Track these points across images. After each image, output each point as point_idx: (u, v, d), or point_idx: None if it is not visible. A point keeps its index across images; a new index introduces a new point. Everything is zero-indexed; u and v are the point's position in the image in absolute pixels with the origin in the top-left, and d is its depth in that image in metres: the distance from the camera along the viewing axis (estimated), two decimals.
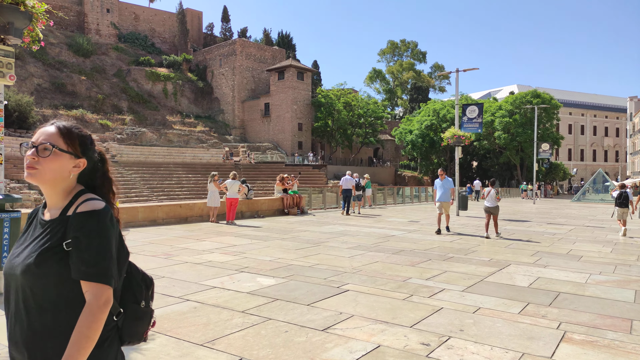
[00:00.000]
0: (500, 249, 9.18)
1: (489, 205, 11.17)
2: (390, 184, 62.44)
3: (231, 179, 13.35)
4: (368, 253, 8.19)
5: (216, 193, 13.34)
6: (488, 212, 11.19)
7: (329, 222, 14.00)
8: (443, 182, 11.96)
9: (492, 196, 11.19)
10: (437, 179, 12.28)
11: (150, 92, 66.88)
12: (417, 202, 28.14)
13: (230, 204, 13.16)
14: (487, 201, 11.26)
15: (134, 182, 44.69)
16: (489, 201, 11.18)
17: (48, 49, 61.90)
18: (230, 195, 13.19)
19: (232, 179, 13.36)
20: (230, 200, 13.19)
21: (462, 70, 17.44)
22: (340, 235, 10.63)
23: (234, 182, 13.28)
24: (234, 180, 13.36)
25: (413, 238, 10.53)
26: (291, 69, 61.50)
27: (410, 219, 15.67)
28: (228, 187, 13.19)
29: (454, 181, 18.90)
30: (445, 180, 11.97)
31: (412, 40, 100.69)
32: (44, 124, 1.58)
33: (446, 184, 11.94)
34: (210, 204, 13.20)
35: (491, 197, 11.18)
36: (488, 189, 11.40)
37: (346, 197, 17.33)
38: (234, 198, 13.19)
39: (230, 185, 13.24)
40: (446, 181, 11.96)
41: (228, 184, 13.20)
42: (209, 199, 13.26)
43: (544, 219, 17.49)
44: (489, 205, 11.17)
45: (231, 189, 13.21)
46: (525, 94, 51.71)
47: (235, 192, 13.24)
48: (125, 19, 73.96)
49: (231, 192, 13.20)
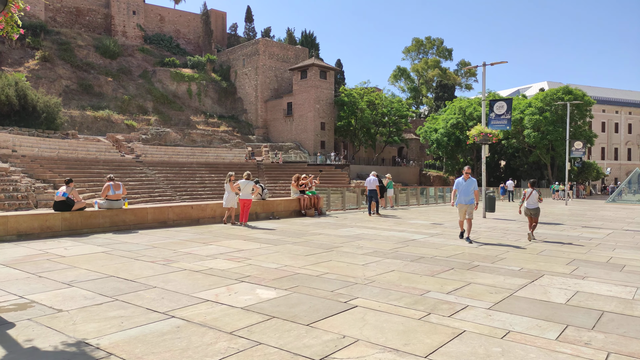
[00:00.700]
0: (532, 256, 8.35)
1: (531, 207, 10.89)
2: (415, 184, 61.24)
3: (244, 179, 12.83)
4: (384, 260, 7.51)
5: (232, 194, 12.87)
6: (530, 215, 10.91)
7: (346, 224, 13.34)
8: (467, 182, 10.42)
9: (534, 198, 10.90)
10: (459, 178, 10.62)
11: (174, 92, 67.54)
12: (442, 203, 27.16)
13: (244, 205, 12.64)
14: (528, 203, 10.95)
15: (157, 182, 45.00)
16: (531, 203, 10.89)
17: (76, 51, 63.23)
18: (244, 196, 12.66)
19: (245, 179, 12.84)
20: (243, 202, 12.67)
21: (489, 64, 16.49)
22: (356, 239, 9.96)
23: (247, 183, 12.75)
24: (248, 180, 12.83)
25: (435, 243, 9.78)
26: (314, 68, 61.00)
27: (433, 222, 14.85)
28: (241, 187, 12.67)
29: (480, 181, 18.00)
30: (469, 180, 10.45)
31: (438, 37, 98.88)
32: None
33: (470, 184, 10.38)
34: (227, 205, 12.77)
35: (533, 199, 10.90)
36: (529, 190, 11.01)
37: (371, 198, 17.31)
38: (247, 199, 12.68)
39: (244, 185, 12.71)
40: (470, 181, 10.42)
41: (241, 184, 12.69)
42: (225, 199, 12.83)
43: (578, 221, 16.39)
44: (531, 207, 10.89)
45: (244, 190, 12.69)
46: (557, 91, 49.73)
47: (248, 193, 12.71)
48: (150, 20, 74.95)
49: (244, 193, 12.68)
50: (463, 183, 10.44)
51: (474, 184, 10.52)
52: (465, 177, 10.52)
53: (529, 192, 10.99)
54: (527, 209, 10.97)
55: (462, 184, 10.44)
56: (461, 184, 10.47)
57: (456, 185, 10.60)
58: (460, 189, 10.43)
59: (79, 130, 53.65)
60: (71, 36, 65.74)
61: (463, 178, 10.51)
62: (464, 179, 10.50)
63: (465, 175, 10.53)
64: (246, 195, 12.71)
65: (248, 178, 12.92)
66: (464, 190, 10.35)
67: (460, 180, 10.54)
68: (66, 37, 64.88)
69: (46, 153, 39.01)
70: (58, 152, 40.43)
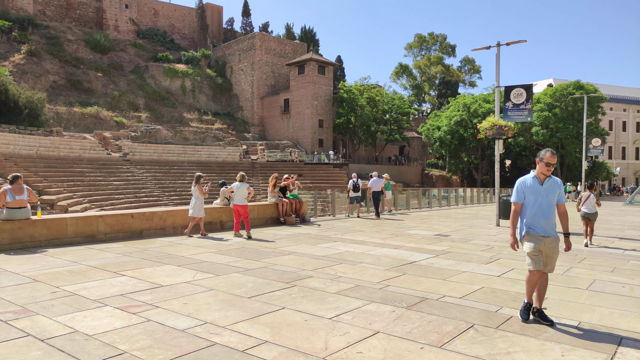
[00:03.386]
0: (581, 293, 5.79)
1: (588, 212, 10.30)
2: (417, 184, 58.57)
3: (238, 180, 10.55)
4: (365, 308, 4.95)
5: (201, 200, 10.40)
6: (586, 219, 10.30)
7: (330, 236, 10.78)
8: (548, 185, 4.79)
9: (591, 201, 10.34)
10: (525, 178, 5.00)
11: (168, 88, 65.08)
12: (445, 206, 24.58)
13: (238, 213, 10.39)
14: (585, 207, 10.38)
15: (144, 182, 42.58)
16: (588, 207, 10.33)
17: (65, 45, 60.84)
18: (238, 201, 10.40)
19: (239, 181, 10.58)
20: (237, 208, 10.40)
21: (504, 43, 13.92)
22: (335, 263, 7.41)
23: (242, 185, 10.49)
24: (242, 182, 10.54)
25: (441, 269, 7.21)
26: (312, 63, 58.40)
27: (438, 232, 12.28)
28: (235, 191, 10.34)
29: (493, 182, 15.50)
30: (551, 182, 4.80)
31: (441, 33, 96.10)
32: None
33: (554, 189, 4.80)
34: (194, 214, 10.35)
35: (590, 203, 10.34)
36: (587, 193, 10.51)
37: (376, 200, 16.46)
38: (241, 205, 10.38)
39: (237, 188, 10.49)
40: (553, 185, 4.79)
41: (235, 187, 10.43)
42: (192, 207, 10.41)
43: (607, 230, 13.80)
44: (588, 212, 10.30)
45: (238, 194, 10.45)
46: (567, 86, 47.00)
47: (243, 198, 10.41)
48: (144, 14, 72.49)
49: (238, 198, 10.43)
50: (539, 188, 4.76)
51: (559, 189, 4.92)
52: (544, 174, 4.75)
53: (587, 196, 10.41)
54: (585, 214, 10.32)
55: (537, 192, 4.76)
56: (534, 192, 4.78)
57: (522, 191, 4.89)
58: (532, 203, 4.77)
59: (65, 127, 51.27)
60: (61, 30, 63.33)
61: (536, 177, 4.80)
62: (539, 178, 4.79)
63: (543, 170, 4.74)
64: (240, 200, 10.40)
65: (242, 180, 10.62)
66: (545, 205, 4.74)
67: (530, 181, 4.80)
68: (55, 31, 62.47)
69: (24, 151, 36.57)
70: (37, 150, 37.97)
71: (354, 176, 16.35)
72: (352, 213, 16.48)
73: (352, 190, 16.05)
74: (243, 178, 10.39)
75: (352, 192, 16.08)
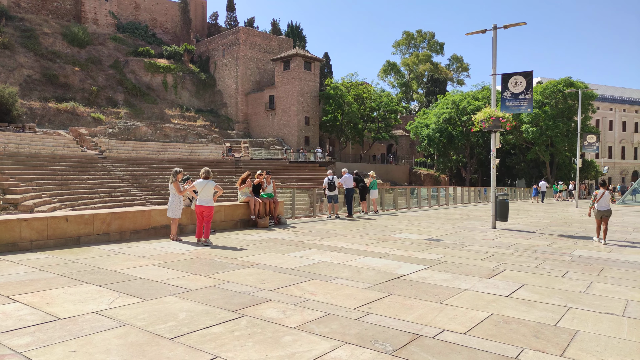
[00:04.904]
0: (619, 323, 4.42)
1: (603, 209, 10.23)
2: (405, 183, 57.40)
3: (202, 177, 8.91)
4: (335, 354, 3.51)
5: (179, 198, 8.91)
6: (601, 217, 10.27)
7: (306, 242, 9.32)
8: None
9: (606, 199, 10.20)
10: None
11: (149, 84, 62.98)
12: (435, 206, 23.29)
13: (201, 215, 8.82)
14: (600, 205, 10.26)
15: (121, 180, 40.73)
16: (603, 205, 10.24)
17: (41, 38, 58.46)
18: (202, 201, 8.82)
19: (203, 178, 8.95)
20: (201, 210, 8.80)
21: (501, 26, 12.58)
22: (304, 278, 5.95)
23: (207, 183, 8.85)
24: (207, 179, 8.91)
25: (436, 285, 5.80)
26: (297, 58, 56.85)
27: (429, 235, 10.90)
28: (198, 189, 8.76)
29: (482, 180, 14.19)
30: None
31: (429, 31, 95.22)
32: None
33: None
34: (172, 214, 9.03)
35: (605, 200, 10.20)
36: (601, 191, 10.28)
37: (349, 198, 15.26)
38: (206, 206, 8.80)
39: (201, 186, 8.83)
40: None
41: (198, 185, 8.79)
42: (170, 206, 9.07)
43: (612, 232, 12.55)
44: (603, 209, 10.23)
45: (203, 192, 8.83)
46: (557, 82, 46.15)
47: (209, 197, 8.85)
48: (125, 8, 70.18)
49: (203, 197, 8.84)
50: None
51: None
52: None
53: (601, 193, 10.22)
54: (598, 212, 10.23)
55: None
56: None
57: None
58: None
59: (40, 123, 49.05)
60: (37, 23, 60.85)
61: None
62: None
63: None
64: (205, 201, 8.80)
65: (207, 176, 8.95)
66: None
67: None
68: (31, 24, 60.00)
69: None
70: (6, 147, 35.87)
71: (329, 173, 14.90)
72: (333, 214, 15.07)
73: (328, 189, 14.64)
74: (208, 174, 8.81)
75: (327, 190, 14.68)
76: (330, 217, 14.87)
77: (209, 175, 8.78)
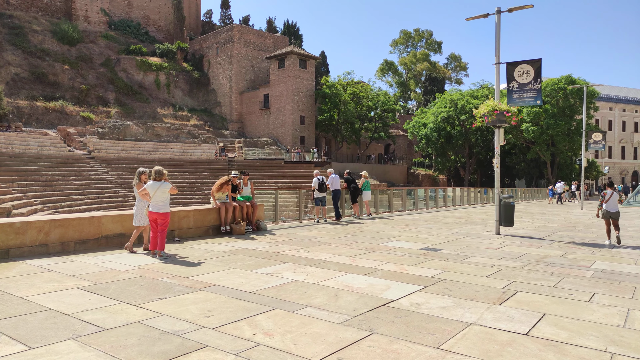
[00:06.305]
0: None
1: (612, 210, 10.04)
2: (403, 184, 56.12)
3: (153, 179, 7.47)
4: None
5: (143, 204, 7.61)
6: (609, 218, 10.10)
7: (282, 253, 8.02)
8: None
9: (615, 200, 10.01)
10: None
11: (141, 83, 61.60)
12: (433, 208, 22.01)
13: (155, 224, 7.44)
14: (608, 206, 10.04)
15: (109, 181, 39.42)
16: (612, 206, 10.03)
17: (30, 36, 57.06)
18: (155, 207, 7.36)
19: (155, 179, 7.49)
20: (154, 217, 7.38)
21: (505, 10, 11.31)
22: (264, 308, 4.65)
23: (161, 185, 7.38)
24: (161, 180, 7.45)
25: (433, 318, 4.51)
26: (292, 56, 55.55)
27: (425, 244, 9.61)
28: (150, 192, 7.35)
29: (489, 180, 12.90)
30: None
31: (427, 30, 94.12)
32: None
33: None
34: (138, 222, 7.82)
35: (614, 201, 10.01)
36: (609, 191, 10.03)
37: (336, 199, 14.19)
38: (160, 212, 7.36)
39: (154, 189, 7.37)
40: None
41: (150, 188, 7.37)
42: (136, 212, 7.88)
43: (627, 239, 11.28)
44: (612, 210, 10.04)
45: (156, 197, 7.37)
46: (558, 80, 44.90)
47: (163, 202, 7.41)
48: (117, 5, 68.79)
49: (157, 202, 7.38)
50: None
51: None
52: None
53: (610, 194, 10.04)
54: (607, 212, 10.09)
55: None
56: None
57: None
58: None
59: (27, 122, 47.64)
60: (26, 20, 59.42)
61: None
62: None
63: None
64: (159, 207, 7.37)
65: (160, 177, 7.45)
66: None
67: None
68: (20, 21, 58.55)
69: None
70: None
71: (317, 174, 13.61)
72: (321, 218, 13.77)
73: (318, 190, 13.35)
74: (160, 175, 7.43)
75: (317, 192, 13.39)
76: (318, 221, 13.59)
77: (162, 176, 7.41)
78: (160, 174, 7.43)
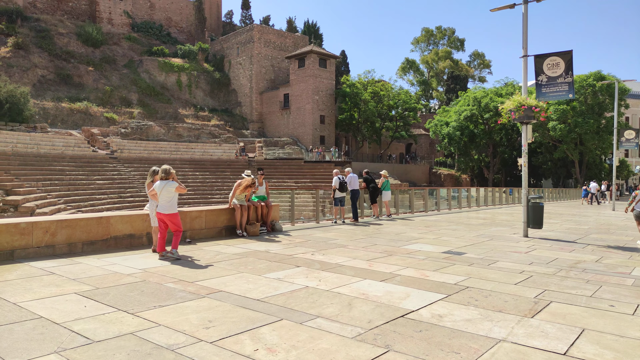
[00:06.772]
0: None
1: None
2: (425, 184, 55.18)
3: (160, 178, 7.16)
4: None
5: (153, 204, 7.38)
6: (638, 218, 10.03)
7: (295, 256, 7.63)
8: None
9: None
10: None
11: (163, 83, 62.27)
12: (455, 208, 21.32)
13: (164, 225, 7.20)
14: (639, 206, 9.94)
15: (131, 181, 39.77)
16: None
17: (56, 39, 58.24)
18: (163, 207, 7.07)
19: (162, 179, 7.18)
20: (162, 218, 7.12)
21: None
22: (270, 319, 4.26)
23: (167, 184, 7.08)
24: (167, 180, 7.14)
25: (457, 332, 4.05)
26: (312, 55, 55.23)
27: (448, 247, 9.09)
28: (157, 192, 7.06)
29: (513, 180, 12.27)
30: None
31: (449, 27, 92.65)
32: None
33: None
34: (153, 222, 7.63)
35: None
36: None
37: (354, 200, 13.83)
38: (167, 214, 7.06)
39: (160, 189, 7.08)
40: None
41: (157, 187, 7.10)
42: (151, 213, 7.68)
43: None
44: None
45: (163, 197, 7.07)
46: (587, 77, 43.36)
47: (170, 203, 7.09)
48: (139, 7, 69.73)
49: (164, 202, 7.07)
50: None
51: None
52: None
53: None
54: (637, 212, 10.04)
55: None
56: None
57: None
58: None
59: (52, 123, 48.59)
60: (52, 23, 60.71)
61: None
62: None
63: None
64: (165, 207, 7.07)
65: (167, 176, 7.13)
66: None
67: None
68: (46, 24, 59.86)
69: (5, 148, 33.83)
70: (14, 147, 35.24)
71: (335, 173, 13.19)
72: (339, 218, 13.35)
73: (339, 190, 12.92)
74: (167, 174, 7.11)
75: (338, 192, 12.96)
76: (336, 222, 13.17)
77: (169, 175, 7.08)
78: (167, 172, 7.11)
